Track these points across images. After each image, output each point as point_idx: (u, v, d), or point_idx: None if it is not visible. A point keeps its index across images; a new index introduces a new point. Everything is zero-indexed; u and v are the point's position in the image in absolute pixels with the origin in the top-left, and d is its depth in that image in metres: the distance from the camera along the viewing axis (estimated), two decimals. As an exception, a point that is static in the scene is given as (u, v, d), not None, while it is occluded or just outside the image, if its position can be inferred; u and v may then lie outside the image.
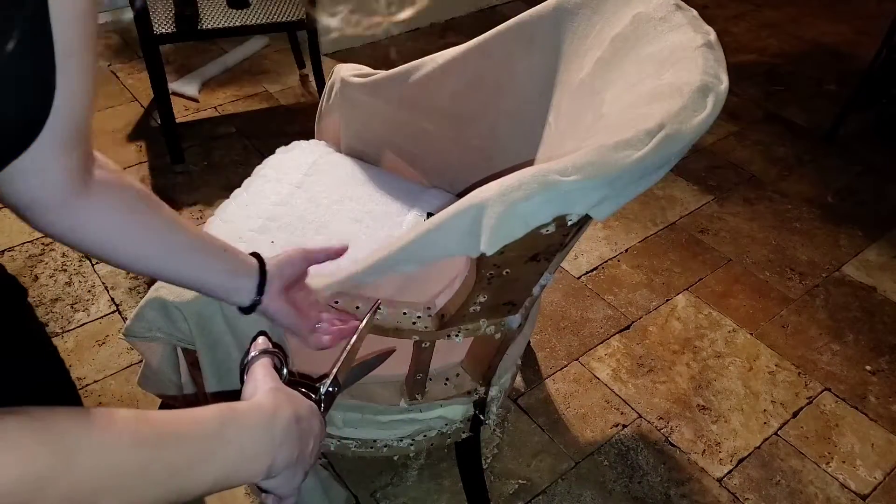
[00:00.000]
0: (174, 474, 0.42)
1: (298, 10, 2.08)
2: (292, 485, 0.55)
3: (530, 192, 0.66)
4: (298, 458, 0.54)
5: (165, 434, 0.43)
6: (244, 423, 0.49)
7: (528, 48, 1.08)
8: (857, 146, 2.34)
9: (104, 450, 0.39)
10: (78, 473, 0.37)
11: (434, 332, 0.84)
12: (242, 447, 0.48)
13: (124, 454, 0.40)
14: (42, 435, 0.37)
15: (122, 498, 0.39)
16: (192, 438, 0.45)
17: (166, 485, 0.42)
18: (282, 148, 1.33)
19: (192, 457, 0.44)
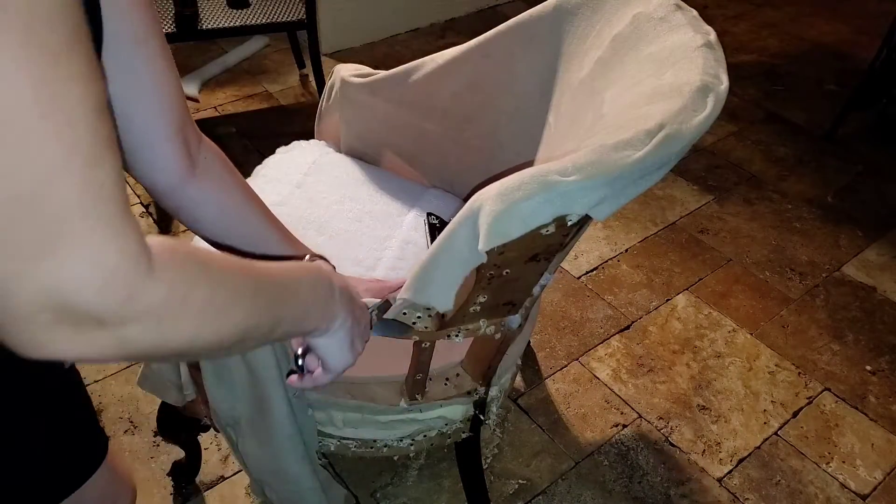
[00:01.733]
0: (273, 304, 0.49)
1: (298, 10, 2.08)
2: (340, 355, 0.61)
3: (530, 192, 0.66)
4: (352, 330, 0.60)
5: (266, 270, 0.49)
6: (318, 276, 0.56)
7: (528, 48, 1.08)
8: (857, 146, 2.34)
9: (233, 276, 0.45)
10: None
11: (434, 332, 0.84)
12: (315, 290, 0.55)
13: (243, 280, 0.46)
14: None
15: (235, 320, 0.44)
16: (284, 276, 0.51)
17: (268, 312, 0.48)
18: (282, 148, 1.33)
19: (285, 291, 0.51)
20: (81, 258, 0.33)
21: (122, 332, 0.36)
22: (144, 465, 1.33)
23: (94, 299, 0.34)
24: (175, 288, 0.38)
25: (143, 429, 1.39)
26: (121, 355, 0.37)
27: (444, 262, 0.74)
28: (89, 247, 0.33)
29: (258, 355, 0.86)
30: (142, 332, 0.37)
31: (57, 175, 0.32)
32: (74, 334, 0.34)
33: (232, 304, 0.43)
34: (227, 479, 1.32)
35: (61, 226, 0.32)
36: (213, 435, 1.37)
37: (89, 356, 0.36)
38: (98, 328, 0.35)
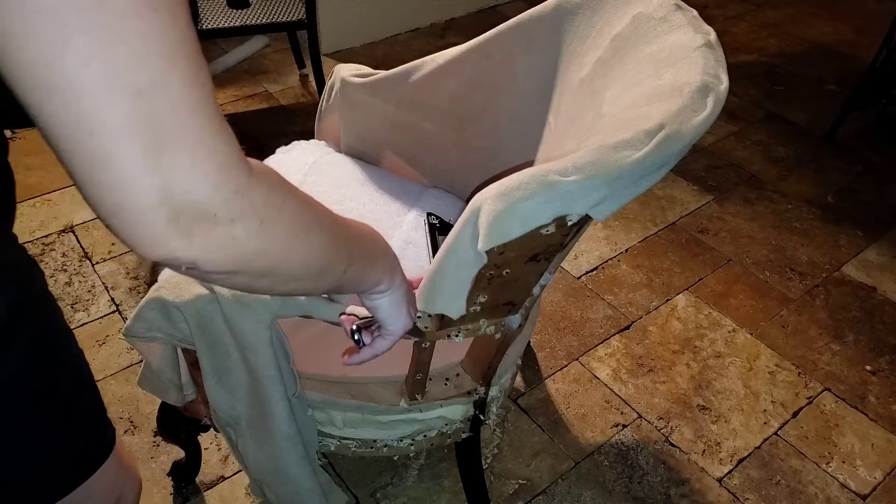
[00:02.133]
0: (347, 239, 0.53)
1: (298, 10, 2.08)
2: (400, 316, 0.65)
3: (530, 192, 0.66)
4: (407, 293, 0.65)
5: (336, 214, 0.53)
6: (376, 233, 0.61)
7: (528, 48, 1.08)
8: (857, 146, 2.34)
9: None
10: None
11: (434, 332, 0.84)
12: (377, 242, 0.60)
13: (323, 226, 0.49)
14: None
15: (309, 261, 0.48)
16: (350, 222, 0.55)
17: (345, 245, 0.52)
18: (282, 148, 1.33)
19: (354, 232, 0.55)
20: (196, 153, 0.36)
21: (232, 229, 0.39)
22: (144, 465, 1.33)
23: (209, 191, 0.36)
24: (272, 192, 0.41)
25: (143, 429, 1.39)
26: (228, 258, 0.40)
27: (450, 269, 0.74)
28: (202, 142, 0.36)
29: (258, 355, 0.86)
30: (247, 231, 0.40)
31: (170, 67, 0.34)
32: (190, 232, 0.37)
33: (316, 224, 0.47)
34: (227, 479, 1.32)
35: (175, 122, 0.35)
36: (213, 435, 1.37)
37: (204, 258, 0.39)
38: (211, 225, 0.38)
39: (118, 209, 0.35)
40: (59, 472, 0.65)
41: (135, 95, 0.33)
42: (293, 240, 0.44)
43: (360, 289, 0.60)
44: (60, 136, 0.33)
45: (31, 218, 1.89)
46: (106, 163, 0.34)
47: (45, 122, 0.33)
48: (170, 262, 0.39)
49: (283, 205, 0.43)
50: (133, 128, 0.33)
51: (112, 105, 0.32)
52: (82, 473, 0.66)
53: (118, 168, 0.34)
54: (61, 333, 0.63)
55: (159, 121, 0.34)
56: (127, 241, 0.37)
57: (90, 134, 0.33)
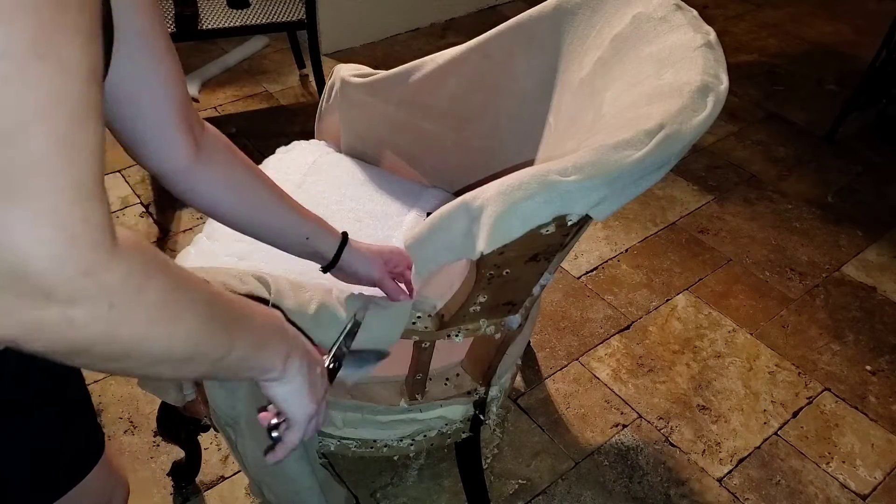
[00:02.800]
0: (228, 322, 0.48)
1: (298, 10, 2.08)
2: (301, 403, 0.58)
3: (530, 192, 0.66)
4: (310, 376, 0.59)
5: (223, 293, 0.49)
6: (271, 313, 0.56)
7: (528, 48, 1.08)
8: (857, 146, 2.34)
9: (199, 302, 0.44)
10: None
11: (434, 332, 0.84)
12: (269, 322, 0.54)
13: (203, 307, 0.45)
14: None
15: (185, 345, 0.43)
16: (240, 301, 0.51)
17: (223, 330, 0.47)
18: (282, 148, 1.33)
19: (240, 313, 0.50)
20: (44, 216, 0.31)
21: (70, 312, 0.34)
22: (144, 465, 1.33)
23: (48, 265, 0.32)
24: (133, 274, 0.36)
25: (143, 429, 1.39)
26: (62, 342, 0.35)
27: (440, 241, 0.74)
28: (55, 207, 0.32)
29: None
30: (91, 316, 0.35)
31: (39, 119, 0.31)
32: (17, 306, 0.32)
33: (187, 309, 0.42)
34: (227, 479, 1.32)
35: (31, 176, 0.31)
36: (213, 435, 1.37)
37: (26, 337, 0.34)
38: (44, 303, 0.32)
39: None
40: (52, 475, 0.65)
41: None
42: (153, 327, 0.39)
43: (246, 375, 0.54)
44: None
45: (31, 218, 1.89)
46: None
47: None
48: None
49: (147, 287, 0.38)
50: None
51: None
52: (75, 476, 0.66)
53: None
54: None
55: (10, 173, 0.30)
56: None
57: None
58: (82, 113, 0.33)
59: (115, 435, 1.38)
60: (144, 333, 0.39)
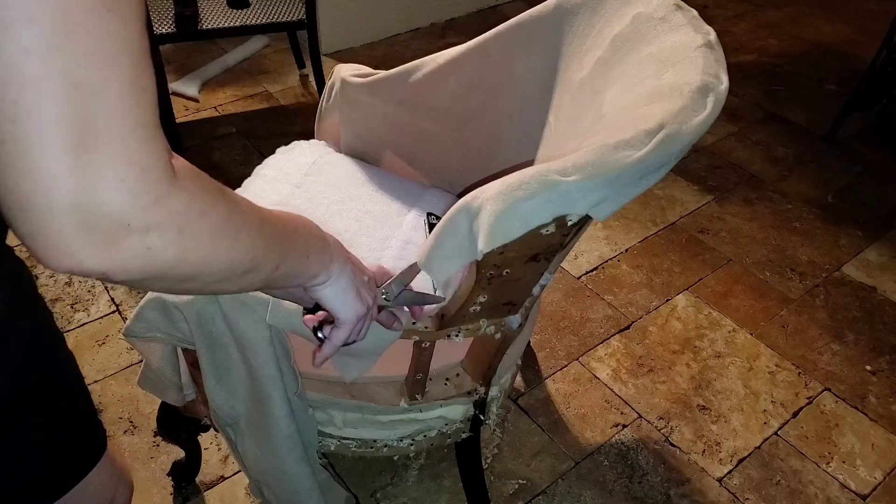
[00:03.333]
0: (278, 236, 0.52)
1: (298, 10, 2.08)
2: (349, 303, 0.63)
3: (530, 192, 0.66)
4: (354, 277, 0.64)
5: (268, 210, 0.52)
6: (308, 223, 0.60)
7: (528, 48, 1.08)
8: (857, 146, 2.34)
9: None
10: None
11: (434, 332, 0.84)
12: (310, 233, 0.59)
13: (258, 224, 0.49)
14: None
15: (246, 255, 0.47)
16: (283, 217, 0.55)
17: (275, 242, 0.51)
18: (282, 148, 1.33)
19: (286, 227, 0.54)
20: (120, 157, 0.34)
21: (146, 239, 0.37)
22: (144, 465, 1.33)
23: (124, 198, 0.35)
24: (195, 199, 0.40)
25: (143, 429, 1.39)
26: (142, 268, 0.38)
27: (448, 246, 0.74)
28: (128, 147, 0.35)
29: (258, 354, 0.86)
30: (164, 241, 0.38)
31: (110, 71, 0.33)
32: (100, 241, 0.35)
33: (244, 226, 0.46)
34: (227, 479, 1.32)
35: (109, 122, 0.34)
36: (213, 435, 1.37)
37: (115, 268, 0.37)
38: (124, 234, 0.36)
39: (26, 207, 0.33)
40: (53, 474, 0.64)
41: (70, 90, 0.32)
42: (217, 246, 0.43)
43: (296, 283, 0.59)
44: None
45: (31, 218, 1.89)
46: (23, 154, 0.32)
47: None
48: (77, 272, 0.37)
49: (207, 211, 0.41)
50: (60, 123, 0.32)
51: (44, 97, 0.31)
52: (76, 475, 0.66)
53: (33, 161, 0.32)
54: (54, 335, 0.63)
55: (89, 120, 0.33)
56: (31, 246, 0.35)
57: (13, 122, 0.32)
58: (143, 59, 0.35)
59: (115, 435, 1.38)
60: (210, 253, 0.42)
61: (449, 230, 0.72)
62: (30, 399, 0.59)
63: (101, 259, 0.36)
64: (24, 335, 0.56)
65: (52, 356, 0.62)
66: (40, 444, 0.62)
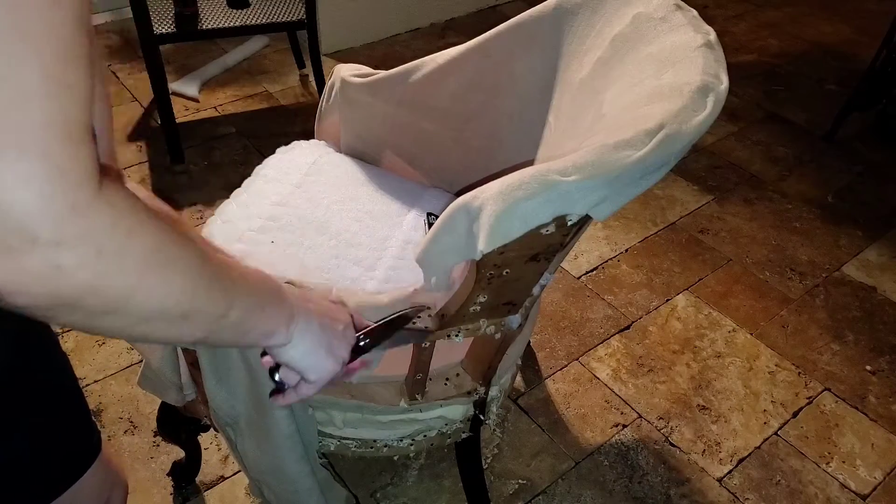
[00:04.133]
0: (224, 280, 0.45)
1: (298, 10, 2.08)
2: (317, 364, 0.57)
3: (530, 192, 0.66)
4: (322, 334, 0.57)
5: (214, 253, 0.46)
6: (265, 280, 0.52)
7: (528, 48, 1.08)
8: (857, 146, 2.34)
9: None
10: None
11: (434, 332, 0.84)
12: (265, 282, 0.52)
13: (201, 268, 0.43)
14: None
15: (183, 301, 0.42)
16: (232, 262, 0.48)
17: (220, 287, 0.45)
18: (282, 148, 1.33)
19: (234, 272, 0.47)
20: (31, 151, 0.30)
21: (56, 256, 0.32)
22: (144, 465, 1.33)
23: (35, 202, 0.30)
24: (122, 217, 0.35)
25: (143, 429, 1.39)
26: (49, 293, 0.33)
27: (444, 243, 0.74)
28: (42, 142, 0.30)
29: (258, 354, 0.86)
30: (77, 261, 0.33)
31: (26, 58, 0.30)
32: (1, 253, 0.31)
33: (180, 259, 0.40)
34: (227, 479, 1.32)
35: (19, 110, 0.30)
36: (213, 435, 1.37)
37: (11, 287, 0.32)
38: (30, 247, 0.31)
39: None
40: (48, 476, 0.64)
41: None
42: (145, 277, 0.37)
43: (250, 341, 0.51)
44: None
45: (31, 218, 1.89)
46: None
47: None
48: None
49: (136, 233, 0.36)
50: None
51: None
52: (70, 477, 0.66)
53: None
54: (48, 337, 0.63)
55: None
56: None
57: None
58: (72, 54, 0.32)
59: (115, 435, 1.38)
60: (136, 284, 0.37)
61: (447, 228, 0.72)
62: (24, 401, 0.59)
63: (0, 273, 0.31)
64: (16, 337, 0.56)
65: (46, 358, 0.61)
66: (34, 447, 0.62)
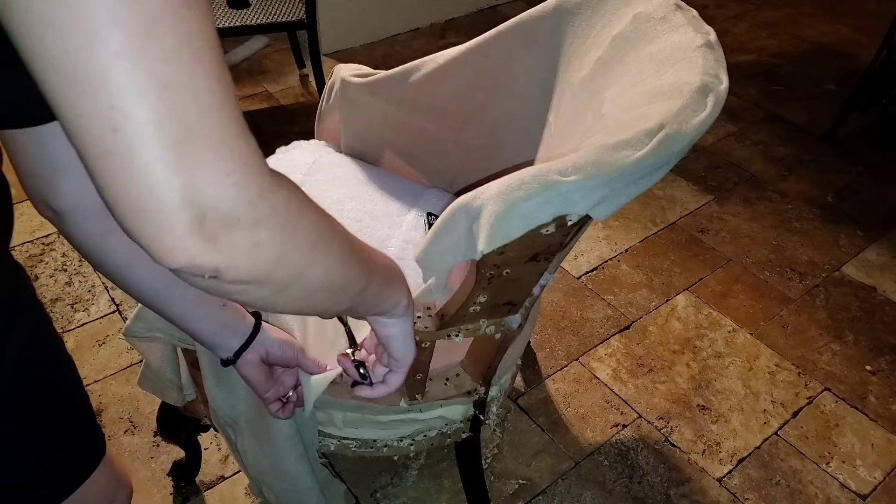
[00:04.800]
0: (364, 255, 0.51)
1: (298, 10, 2.08)
2: (408, 345, 0.64)
3: (530, 192, 0.66)
4: (413, 326, 0.64)
5: (355, 237, 0.51)
6: (388, 259, 0.59)
7: (528, 48, 1.08)
8: (857, 146, 2.34)
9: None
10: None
11: (434, 332, 0.84)
12: (388, 268, 0.58)
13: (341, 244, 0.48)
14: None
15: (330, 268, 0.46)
16: (367, 246, 0.54)
17: (361, 261, 0.50)
18: (282, 148, 1.33)
19: (369, 250, 0.53)
20: (220, 152, 0.35)
21: (255, 233, 0.37)
22: (144, 465, 1.33)
23: (232, 192, 0.35)
24: (292, 197, 0.40)
25: (143, 429, 1.39)
26: (250, 266, 0.38)
27: (444, 243, 0.74)
28: (226, 142, 0.35)
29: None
30: (270, 236, 0.38)
31: (196, 67, 0.33)
32: (213, 236, 0.36)
33: (335, 236, 0.46)
34: (227, 479, 1.32)
35: (202, 117, 0.34)
36: (213, 435, 1.37)
37: (223, 263, 0.37)
38: (235, 228, 0.36)
39: (138, 211, 0.34)
40: (52, 479, 0.64)
41: (162, 90, 0.32)
42: (313, 249, 0.43)
43: (379, 309, 0.58)
44: (82, 131, 0.32)
45: (31, 217, 1.89)
46: (128, 160, 0.33)
47: (66, 117, 0.32)
48: (192, 269, 0.37)
49: (304, 212, 0.41)
50: (158, 124, 0.33)
51: (139, 100, 0.32)
52: (75, 480, 0.66)
53: (140, 166, 0.33)
54: (52, 339, 0.63)
55: (184, 118, 0.33)
56: (147, 247, 0.35)
57: (114, 130, 0.32)
58: (219, 53, 0.35)
59: (115, 435, 1.38)
60: (308, 257, 0.42)
61: (447, 227, 0.72)
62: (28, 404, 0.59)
63: (216, 255, 0.36)
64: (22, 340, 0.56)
65: (50, 360, 0.61)
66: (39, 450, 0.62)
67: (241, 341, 0.73)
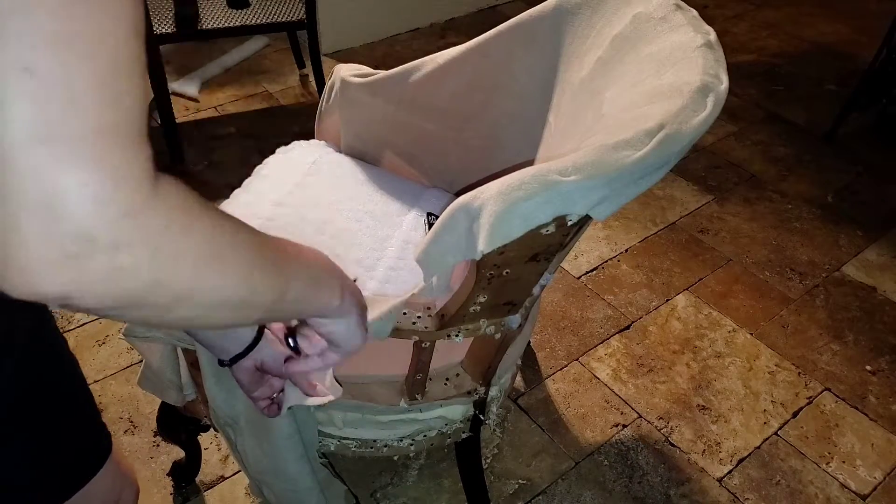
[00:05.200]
0: (280, 260, 0.47)
1: (298, 10, 2.08)
2: (356, 335, 0.58)
3: (530, 192, 0.66)
4: (361, 310, 0.58)
5: (265, 234, 0.47)
6: (317, 255, 0.54)
7: (528, 48, 1.08)
8: (857, 146, 2.34)
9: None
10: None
11: (434, 332, 0.84)
12: (319, 257, 0.53)
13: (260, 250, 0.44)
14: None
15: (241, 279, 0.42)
16: (284, 240, 0.49)
17: (276, 268, 0.46)
18: (282, 148, 1.33)
19: (288, 250, 0.49)
20: (84, 157, 0.30)
21: (115, 258, 0.32)
22: (144, 465, 1.33)
23: (91, 207, 0.31)
24: (176, 215, 0.35)
25: (143, 429, 1.39)
26: (112, 292, 0.34)
27: (444, 243, 0.74)
28: (96, 147, 0.31)
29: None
30: (135, 262, 0.33)
31: (79, 60, 0.30)
32: (61, 255, 0.31)
33: (235, 249, 0.41)
34: (227, 479, 1.32)
35: (71, 116, 0.30)
36: (213, 435, 1.37)
37: (78, 291, 0.32)
38: (90, 251, 0.31)
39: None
40: (57, 478, 0.64)
41: (21, 74, 0.29)
42: (204, 267, 0.38)
43: (307, 313, 0.53)
44: None
45: (31, 218, 1.89)
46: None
47: None
48: (35, 298, 0.32)
49: (191, 230, 0.37)
50: (16, 110, 0.29)
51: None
52: (80, 478, 0.66)
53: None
54: (56, 339, 0.63)
55: (49, 111, 0.29)
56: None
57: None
58: (125, 60, 0.32)
59: (115, 435, 1.38)
60: (195, 277, 0.37)
61: (447, 228, 0.72)
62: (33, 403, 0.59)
63: (62, 282, 0.31)
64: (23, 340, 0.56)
65: (51, 360, 0.61)
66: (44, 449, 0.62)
67: (238, 349, 0.71)
